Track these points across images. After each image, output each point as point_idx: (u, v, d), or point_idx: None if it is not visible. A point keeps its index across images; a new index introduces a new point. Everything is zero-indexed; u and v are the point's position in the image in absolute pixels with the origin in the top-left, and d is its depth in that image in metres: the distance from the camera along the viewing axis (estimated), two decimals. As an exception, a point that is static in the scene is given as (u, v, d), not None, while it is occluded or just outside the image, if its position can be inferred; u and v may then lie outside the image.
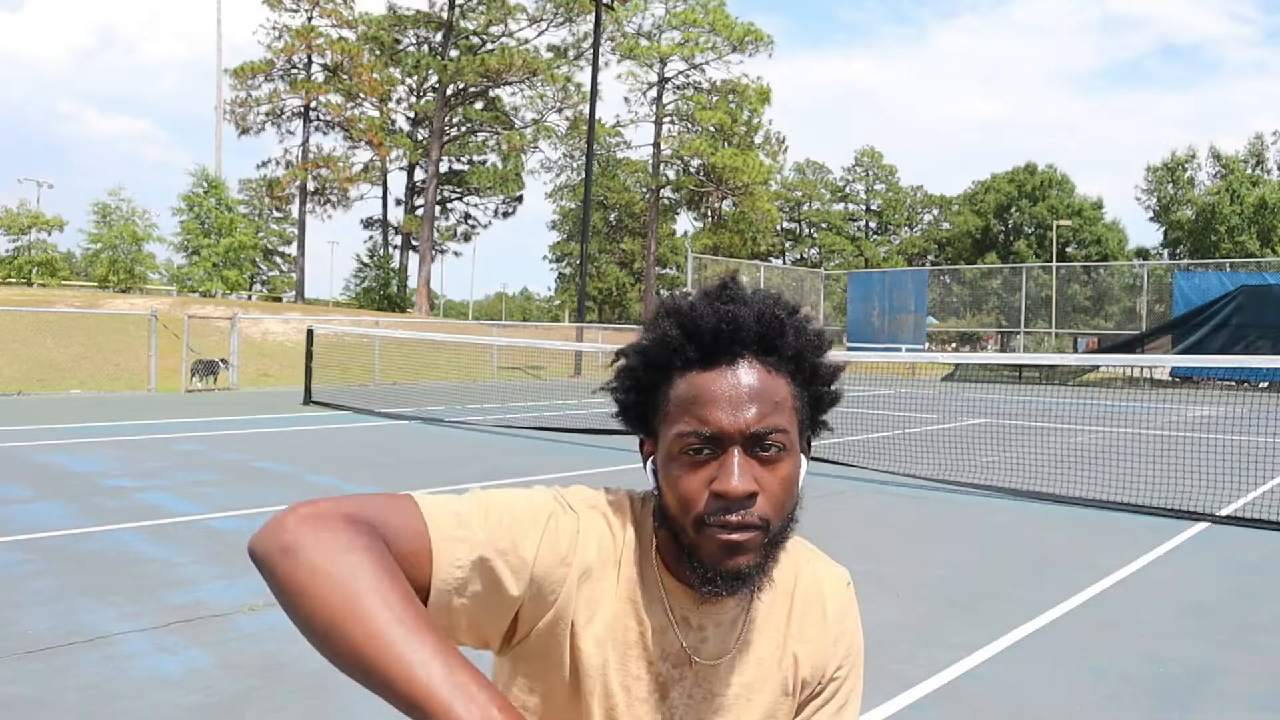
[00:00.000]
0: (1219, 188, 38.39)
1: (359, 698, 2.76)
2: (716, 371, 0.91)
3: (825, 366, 0.97)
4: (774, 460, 0.90)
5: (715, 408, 0.89)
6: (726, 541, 0.89)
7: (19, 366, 15.57)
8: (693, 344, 0.91)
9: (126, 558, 4.33)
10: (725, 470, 0.88)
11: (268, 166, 41.77)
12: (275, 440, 9.15)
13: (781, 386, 0.92)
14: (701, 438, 0.89)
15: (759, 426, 0.89)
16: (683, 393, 0.91)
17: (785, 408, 0.92)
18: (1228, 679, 3.05)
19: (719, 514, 0.88)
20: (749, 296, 0.95)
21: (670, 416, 0.93)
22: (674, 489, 0.92)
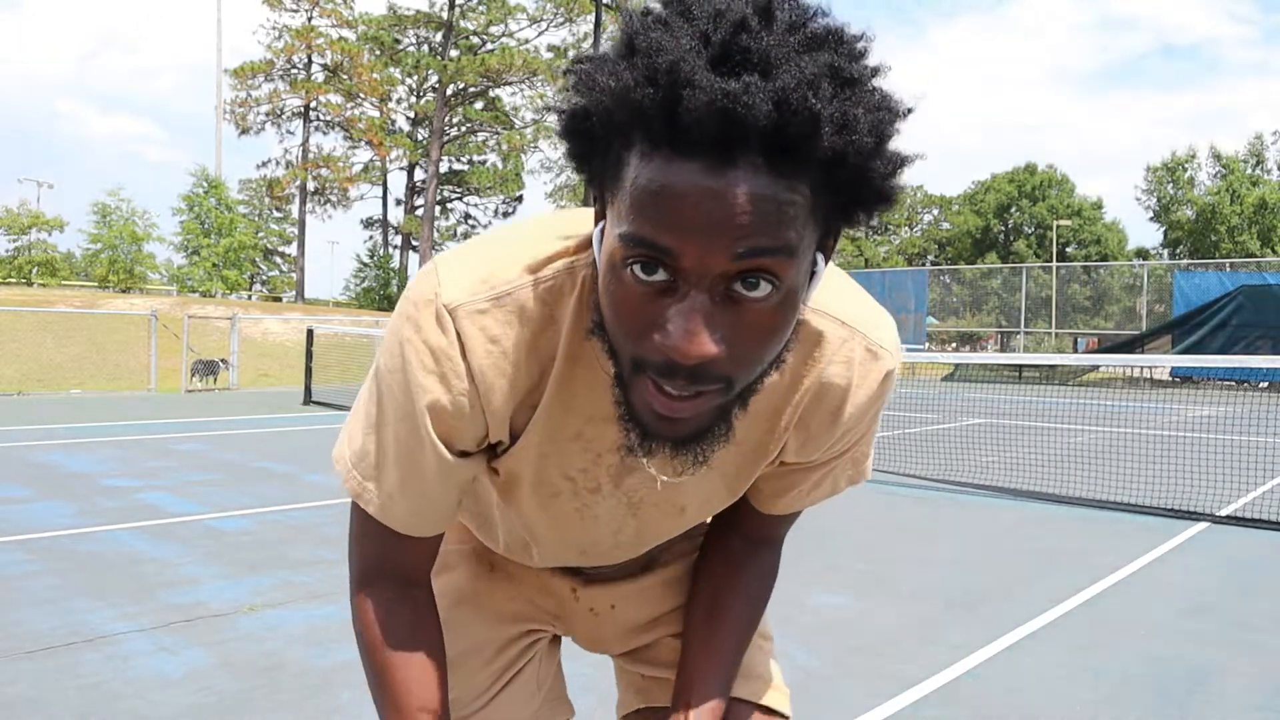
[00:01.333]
0: (1219, 188, 38.38)
1: (359, 698, 2.76)
2: (695, 168, 0.59)
3: (878, 170, 0.64)
4: (760, 304, 0.63)
5: (681, 225, 0.60)
6: (662, 411, 0.67)
7: (19, 366, 15.57)
8: (669, 123, 0.59)
9: (126, 558, 4.33)
10: (680, 320, 0.62)
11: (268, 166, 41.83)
12: (275, 440, 9.15)
13: (794, 199, 0.61)
14: (656, 256, 0.62)
15: (743, 265, 0.61)
16: (642, 181, 0.61)
17: (799, 226, 0.62)
18: (1228, 679, 3.05)
19: (660, 372, 0.65)
20: (773, 55, 0.59)
21: (621, 202, 0.64)
22: (610, 306, 0.67)
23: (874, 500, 6.21)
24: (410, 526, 0.86)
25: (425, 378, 0.77)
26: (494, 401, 0.79)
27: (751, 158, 0.59)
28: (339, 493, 6.19)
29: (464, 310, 0.76)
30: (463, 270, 0.78)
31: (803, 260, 0.64)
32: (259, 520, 5.26)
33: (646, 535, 0.98)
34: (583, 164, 0.69)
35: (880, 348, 0.85)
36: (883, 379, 0.86)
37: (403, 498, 0.84)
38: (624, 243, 0.63)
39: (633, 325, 0.65)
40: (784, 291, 0.64)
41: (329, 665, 3.01)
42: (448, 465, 0.82)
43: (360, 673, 3.11)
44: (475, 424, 0.80)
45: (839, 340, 0.83)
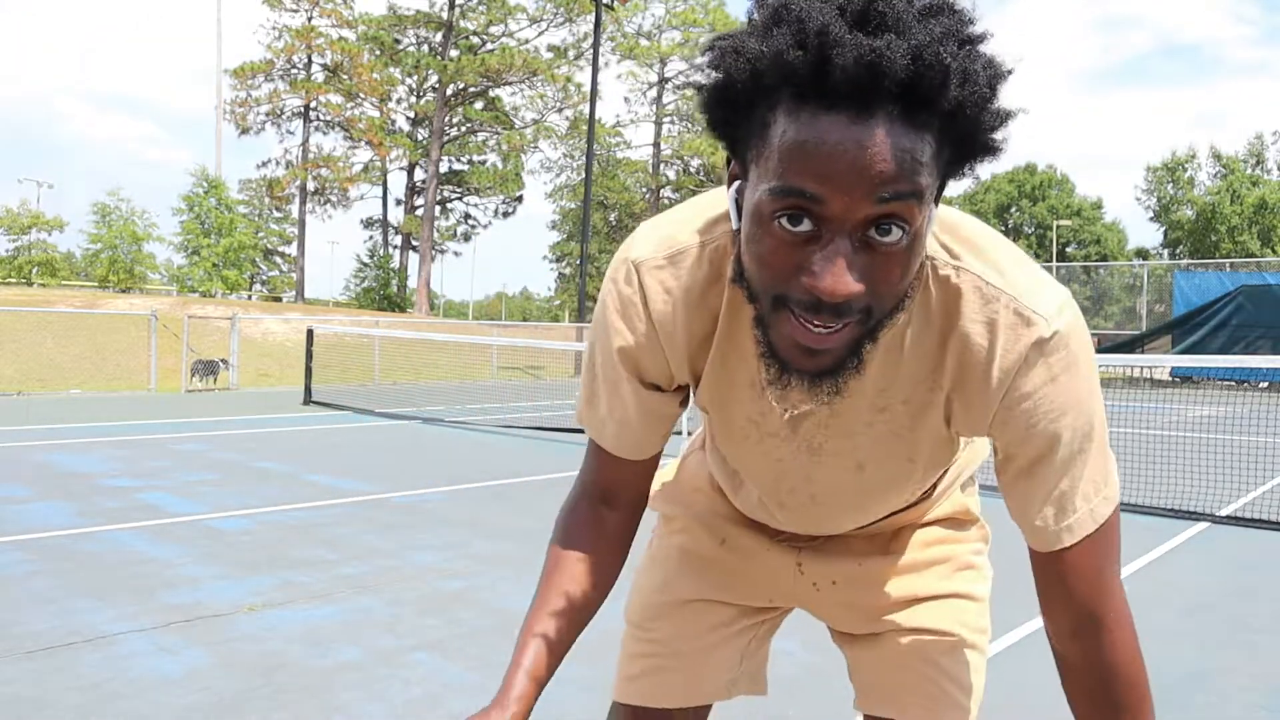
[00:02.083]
0: (1219, 188, 38.38)
1: (359, 698, 2.76)
2: (840, 120, 0.67)
3: (989, 122, 0.71)
4: (893, 247, 0.71)
5: (828, 174, 0.67)
6: (806, 343, 0.74)
7: (19, 366, 15.57)
8: (815, 76, 0.67)
9: (126, 558, 4.33)
10: (825, 264, 0.70)
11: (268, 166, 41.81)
12: (275, 440, 9.15)
13: (924, 148, 0.69)
14: (805, 205, 0.69)
15: (880, 210, 0.68)
16: (790, 137, 0.69)
17: (929, 172, 0.70)
18: (1228, 679, 3.05)
19: (804, 308, 0.72)
20: (906, 17, 0.67)
21: (767, 160, 0.71)
22: (756, 256, 0.74)
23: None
24: (618, 447, 1.01)
25: (617, 321, 0.93)
26: (674, 342, 0.93)
27: (888, 108, 0.67)
28: (339, 493, 6.19)
29: (646, 266, 0.91)
30: (649, 234, 0.93)
31: (928, 205, 0.72)
32: (259, 520, 5.26)
33: (836, 492, 1.03)
34: (725, 130, 0.76)
35: (1033, 313, 0.82)
36: (1032, 345, 0.82)
37: (611, 422, 1.00)
38: (774, 195, 0.70)
39: (781, 271, 0.73)
40: (913, 235, 0.71)
41: (329, 665, 3.01)
42: (641, 395, 0.97)
43: (358, 673, 3.11)
44: (658, 361, 0.94)
45: (981, 300, 0.83)
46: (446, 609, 3.66)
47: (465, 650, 3.19)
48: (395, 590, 3.91)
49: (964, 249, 0.85)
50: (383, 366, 19.20)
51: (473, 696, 2.80)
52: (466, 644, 3.26)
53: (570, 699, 2.76)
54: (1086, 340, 0.85)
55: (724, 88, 0.72)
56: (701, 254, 0.90)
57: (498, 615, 3.60)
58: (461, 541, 4.85)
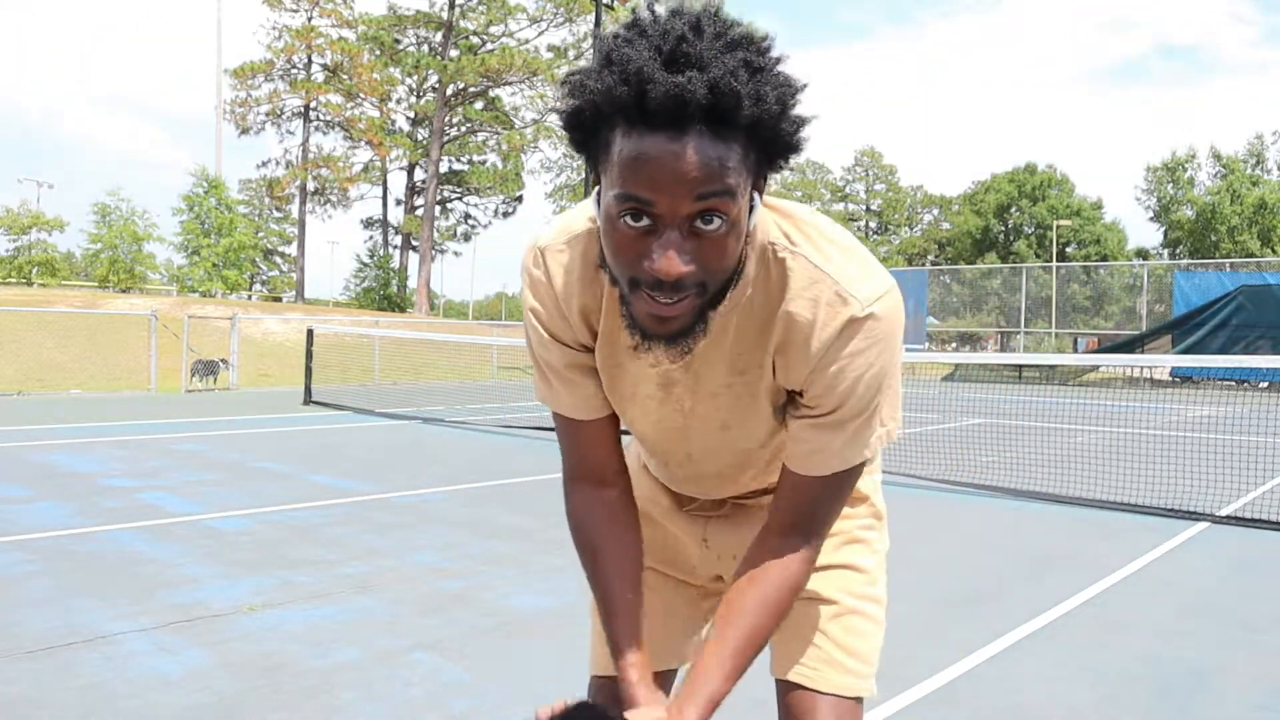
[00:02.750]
0: (1219, 188, 38.37)
1: (359, 698, 2.76)
2: (660, 139, 0.85)
3: (786, 129, 0.90)
4: (715, 234, 0.89)
5: (655, 182, 0.86)
6: (656, 313, 0.93)
7: (19, 366, 15.57)
8: (637, 105, 0.85)
9: (126, 558, 4.33)
10: (660, 251, 0.89)
11: (268, 166, 41.83)
12: (275, 440, 9.15)
13: (730, 154, 0.87)
14: (640, 206, 0.88)
15: (700, 206, 0.87)
16: (625, 153, 0.87)
17: (737, 173, 0.88)
18: (1228, 679, 3.05)
19: (650, 287, 0.91)
20: (706, 55, 0.85)
21: (611, 172, 0.90)
22: (611, 247, 0.93)
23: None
24: (575, 408, 1.18)
25: (532, 299, 1.13)
26: (572, 312, 1.11)
27: (697, 128, 0.85)
28: (339, 493, 6.19)
29: (549, 250, 1.10)
30: (551, 228, 1.12)
31: (742, 199, 0.90)
32: (259, 520, 5.26)
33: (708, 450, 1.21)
34: (581, 149, 0.94)
35: (851, 295, 1.01)
36: (846, 323, 1.01)
37: (560, 388, 1.17)
38: (617, 200, 0.89)
39: (630, 258, 0.91)
40: (730, 223, 0.90)
41: (329, 665, 3.01)
42: (566, 354, 1.14)
43: (358, 673, 3.11)
44: (565, 326, 1.12)
45: (808, 280, 1.02)
46: (446, 609, 3.66)
47: (465, 650, 3.19)
48: (395, 590, 3.91)
49: (801, 237, 1.03)
50: (383, 366, 19.20)
51: (473, 696, 2.80)
52: (466, 644, 3.26)
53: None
54: (895, 327, 1.03)
55: (575, 115, 0.91)
56: (591, 239, 1.06)
57: (497, 615, 3.60)
58: (461, 541, 4.85)
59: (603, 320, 1.10)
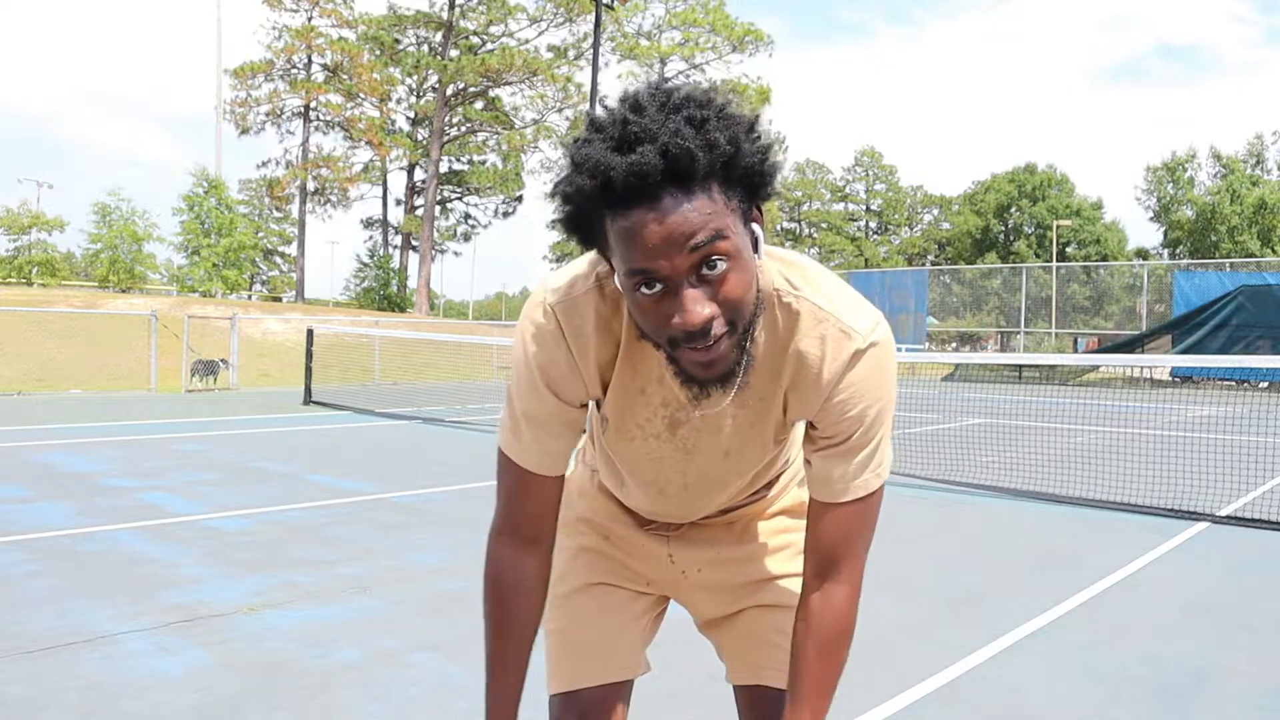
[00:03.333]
0: (1219, 188, 38.36)
1: (359, 698, 2.76)
2: (639, 213, 0.93)
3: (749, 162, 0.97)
4: (723, 274, 0.96)
5: (650, 251, 0.93)
6: (700, 360, 1.00)
7: (19, 366, 15.56)
8: (609, 194, 0.93)
9: (126, 558, 4.33)
10: (679, 306, 0.95)
11: (268, 166, 41.81)
12: (275, 440, 9.15)
13: (705, 202, 0.94)
14: (647, 277, 0.95)
15: (697, 257, 0.94)
16: (617, 234, 0.96)
17: (720, 216, 0.95)
18: (1228, 679, 3.05)
19: (686, 341, 0.98)
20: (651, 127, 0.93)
21: (615, 252, 0.98)
22: (640, 317, 1.01)
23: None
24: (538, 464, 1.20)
25: (539, 352, 1.15)
26: (587, 364, 1.15)
27: (667, 190, 0.93)
28: (339, 493, 6.19)
29: (560, 306, 1.13)
30: (557, 283, 1.15)
31: (736, 236, 0.96)
32: (259, 520, 5.26)
33: (706, 478, 1.28)
34: (587, 242, 1.03)
35: (853, 330, 1.10)
36: (852, 354, 1.10)
37: (532, 442, 1.19)
38: (628, 276, 0.97)
39: (659, 322, 0.99)
40: (733, 259, 0.96)
41: (329, 665, 3.01)
42: (559, 409, 1.17)
43: (359, 672, 3.11)
44: (575, 380, 1.16)
45: (814, 320, 1.10)
46: (447, 609, 3.66)
47: (465, 651, 3.19)
48: (395, 590, 3.91)
49: (802, 282, 1.11)
50: (383, 366, 19.20)
51: (473, 697, 2.80)
52: (467, 644, 3.26)
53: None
54: (891, 350, 1.13)
55: (569, 219, 1.00)
56: (602, 294, 1.12)
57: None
58: (461, 541, 4.85)
59: (618, 367, 1.16)
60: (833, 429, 1.14)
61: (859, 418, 1.12)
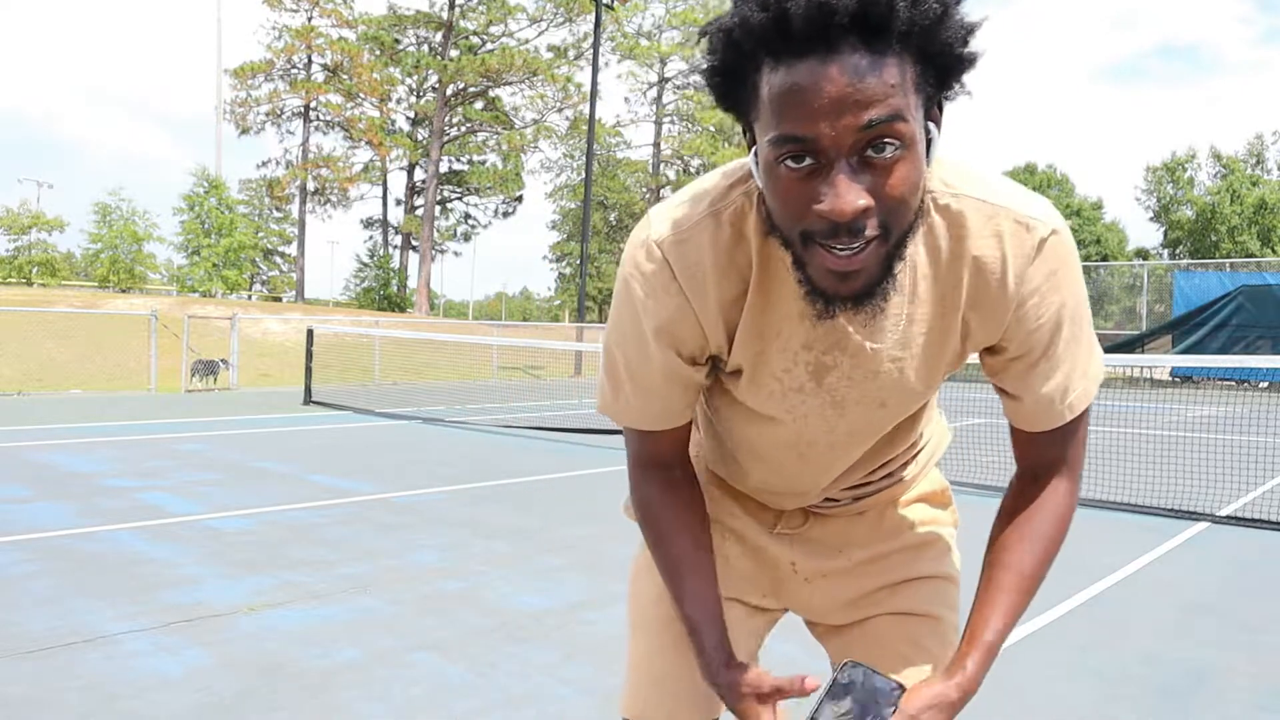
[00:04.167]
0: (1219, 188, 38.36)
1: (359, 697, 2.76)
2: (810, 64, 0.75)
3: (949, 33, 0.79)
4: (891, 161, 0.78)
5: (812, 114, 0.76)
6: (836, 268, 0.81)
7: (19, 366, 15.56)
8: (779, 30, 0.76)
9: (126, 558, 4.33)
10: (830, 189, 0.77)
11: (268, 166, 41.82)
12: (275, 440, 9.15)
13: (892, 70, 0.76)
14: (801, 147, 0.77)
15: (868, 131, 0.76)
16: (775, 89, 0.78)
17: (901, 92, 0.77)
18: (1228, 679, 3.05)
19: (825, 235, 0.80)
20: None
21: (763, 116, 0.80)
22: (775, 200, 0.83)
23: (874, 500, 6.20)
24: (649, 423, 1.07)
25: (647, 299, 0.97)
26: (707, 310, 0.97)
27: (850, 42, 0.75)
28: (339, 493, 6.19)
29: (668, 243, 0.95)
30: (663, 215, 0.97)
31: (914, 123, 0.78)
32: (259, 520, 5.26)
33: (856, 436, 1.08)
34: (729, 103, 0.84)
35: (1031, 218, 0.92)
36: (1038, 246, 0.92)
37: (639, 403, 1.05)
38: (774, 145, 0.79)
39: (797, 207, 0.80)
40: (906, 148, 0.78)
41: (329, 665, 3.01)
42: (674, 367, 1.01)
43: (358, 673, 3.11)
44: (693, 331, 0.98)
45: (984, 217, 0.92)
46: (446, 609, 3.66)
47: (465, 650, 3.19)
48: (395, 590, 3.91)
49: (956, 178, 0.93)
50: (383, 366, 19.19)
51: (473, 696, 2.80)
52: (467, 644, 3.26)
53: (572, 701, 2.77)
54: (1071, 236, 0.95)
55: (719, 66, 0.82)
56: (719, 221, 0.94)
57: (498, 615, 3.60)
58: (461, 541, 4.85)
59: (747, 307, 0.97)
60: (1029, 341, 0.96)
61: (1057, 318, 0.95)
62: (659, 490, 1.12)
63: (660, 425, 1.08)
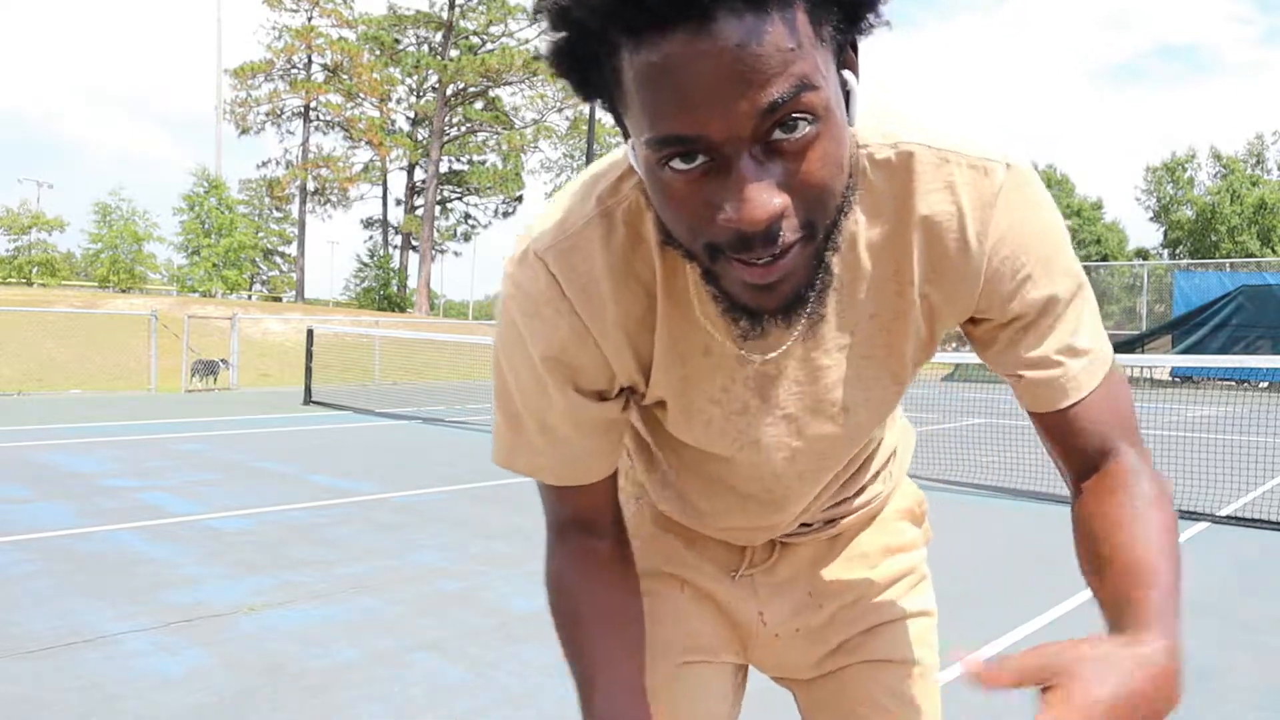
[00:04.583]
0: (1219, 188, 38.38)
1: (359, 698, 2.76)
2: (679, 39, 0.57)
3: None
4: (805, 142, 0.61)
5: (694, 105, 0.58)
6: (755, 281, 0.65)
7: (19, 366, 15.56)
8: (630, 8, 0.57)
9: (126, 558, 4.33)
10: (733, 194, 0.60)
11: (268, 166, 41.87)
12: (275, 440, 9.15)
13: (787, 26, 0.57)
14: (687, 147, 0.60)
15: (770, 112, 0.58)
16: (639, 77, 0.59)
17: (803, 53, 0.58)
18: (1228, 679, 3.05)
19: (736, 249, 0.63)
20: None
21: (632, 110, 0.62)
22: (666, 212, 0.66)
23: (874, 500, 6.20)
24: (564, 478, 0.87)
25: (533, 324, 0.79)
26: (606, 331, 0.79)
27: (728, 4, 0.56)
28: (339, 493, 6.19)
29: (552, 252, 0.77)
30: (544, 221, 0.80)
31: (827, 86, 0.61)
32: (259, 520, 5.26)
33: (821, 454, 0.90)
34: (588, 90, 0.65)
35: (986, 160, 0.75)
36: (998, 192, 0.75)
37: (548, 452, 0.85)
38: (651, 146, 0.61)
39: (694, 217, 0.63)
40: (821, 120, 0.61)
41: (329, 665, 3.01)
42: (578, 407, 0.82)
43: (358, 673, 3.11)
44: (592, 358, 0.80)
45: (931, 167, 0.75)
46: (446, 609, 3.66)
47: (465, 650, 3.19)
48: (395, 590, 3.91)
49: (893, 124, 0.76)
50: (383, 366, 19.20)
51: (472, 696, 2.80)
52: (466, 644, 3.26)
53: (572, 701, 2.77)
54: (1030, 167, 0.79)
55: (565, 47, 0.62)
56: (611, 220, 0.77)
57: (497, 615, 3.60)
58: (461, 541, 4.85)
59: (660, 327, 0.80)
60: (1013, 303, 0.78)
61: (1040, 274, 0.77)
62: (578, 567, 0.90)
63: (576, 479, 0.88)
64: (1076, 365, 0.79)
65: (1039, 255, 0.77)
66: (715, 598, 1.06)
